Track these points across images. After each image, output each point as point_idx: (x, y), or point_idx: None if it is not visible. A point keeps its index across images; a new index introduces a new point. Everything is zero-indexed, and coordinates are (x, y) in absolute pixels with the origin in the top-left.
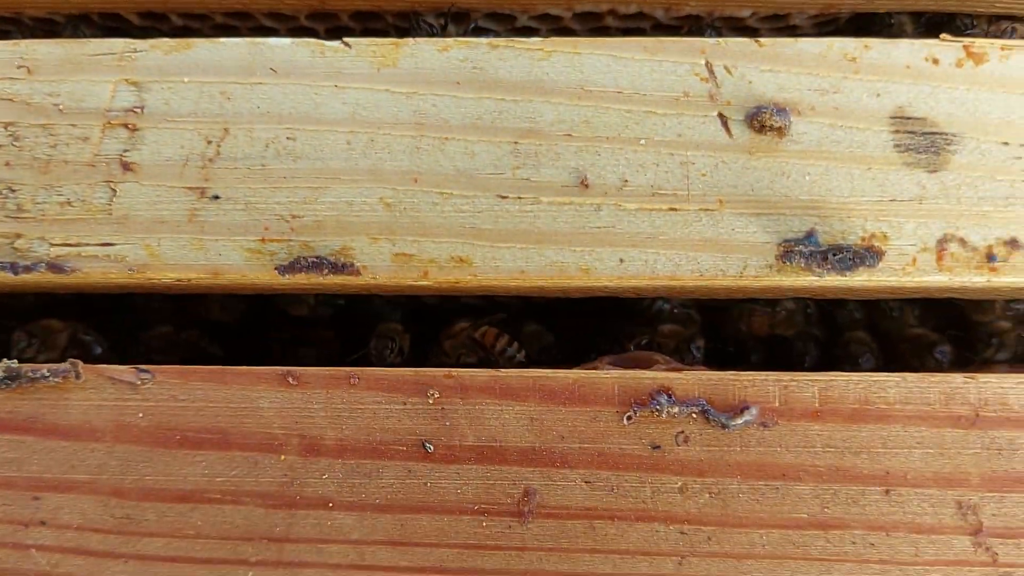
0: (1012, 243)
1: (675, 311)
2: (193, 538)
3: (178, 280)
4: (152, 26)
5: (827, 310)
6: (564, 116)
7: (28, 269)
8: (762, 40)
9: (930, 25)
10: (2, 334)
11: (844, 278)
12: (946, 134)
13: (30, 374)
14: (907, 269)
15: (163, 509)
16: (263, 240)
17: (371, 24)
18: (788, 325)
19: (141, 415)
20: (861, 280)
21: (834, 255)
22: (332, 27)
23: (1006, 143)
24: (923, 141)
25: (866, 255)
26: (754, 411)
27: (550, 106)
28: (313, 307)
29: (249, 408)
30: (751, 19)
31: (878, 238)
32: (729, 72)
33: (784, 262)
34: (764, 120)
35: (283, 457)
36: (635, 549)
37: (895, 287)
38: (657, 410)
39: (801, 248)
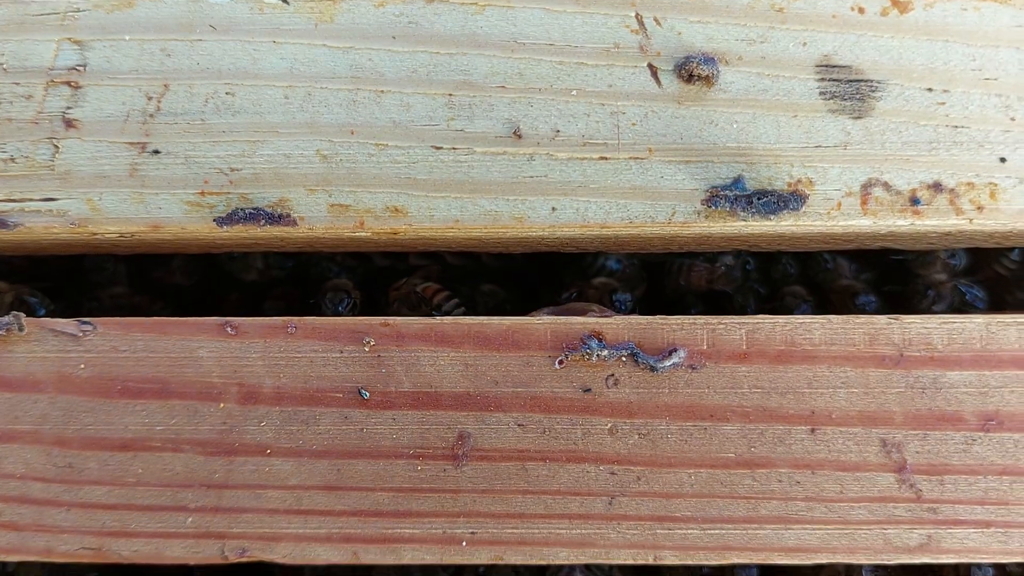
0: (936, 187)
1: (619, 268)
2: (134, 486)
3: (119, 234)
4: None
5: (765, 267)
6: (497, 68)
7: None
8: None
9: None
10: None
11: (770, 222)
12: (871, 81)
13: None
14: (831, 213)
15: (105, 458)
16: (202, 193)
17: None
18: (727, 280)
19: (83, 366)
20: (787, 224)
21: (759, 199)
22: None
23: (930, 89)
24: (848, 88)
25: (790, 199)
26: (682, 353)
27: (484, 59)
28: (263, 271)
29: (189, 358)
30: None
31: (804, 183)
32: (658, 23)
33: (710, 207)
34: (692, 70)
35: (222, 405)
36: (566, 490)
37: (821, 231)
38: (587, 354)
39: (727, 193)
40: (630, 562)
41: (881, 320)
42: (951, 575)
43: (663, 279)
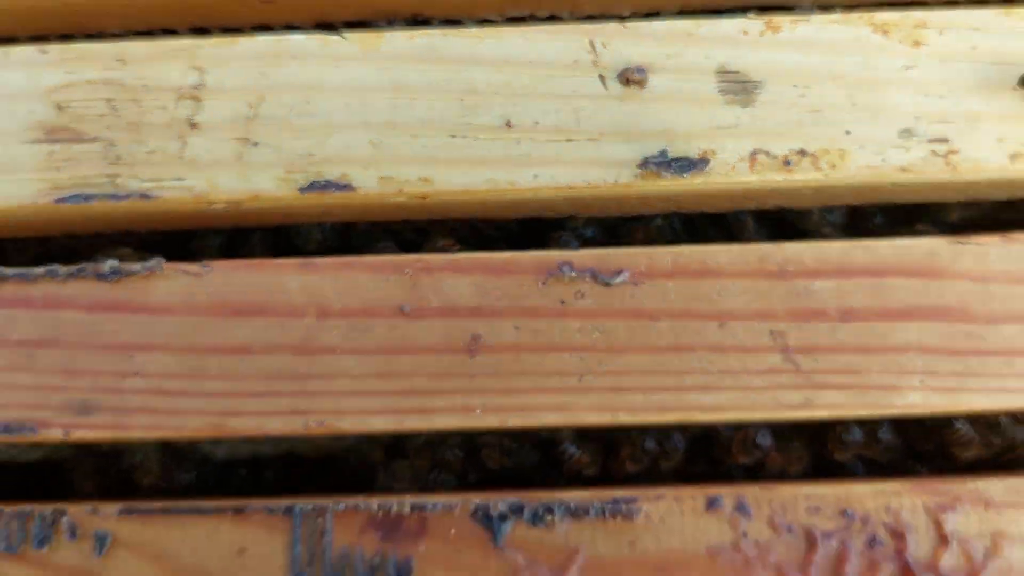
0: (801, 152)
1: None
2: (243, 379)
3: (227, 203)
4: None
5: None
6: (493, 80)
7: (126, 196)
8: (627, 24)
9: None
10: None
11: (684, 179)
12: (754, 81)
13: (127, 269)
14: (729, 173)
15: (221, 359)
16: (288, 172)
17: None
18: (660, 235)
19: (203, 295)
20: (698, 182)
21: (676, 163)
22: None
23: (795, 86)
24: (738, 87)
25: (698, 162)
26: (627, 274)
27: (483, 73)
28: (320, 242)
29: (280, 287)
30: (628, 14)
31: (708, 152)
32: (605, 46)
33: (642, 169)
34: (629, 76)
35: (304, 320)
36: (550, 370)
37: (722, 187)
38: (562, 276)
39: (654, 160)
40: (595, 422)
41: (769, 246)
42: (835, 442)
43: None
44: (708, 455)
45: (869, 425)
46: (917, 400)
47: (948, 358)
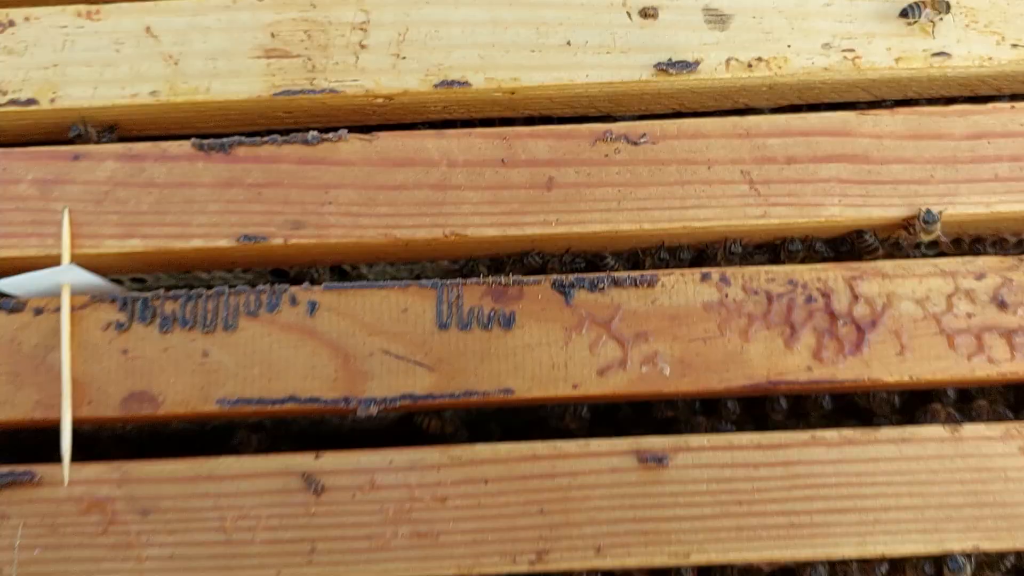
0: (759, 59)
1: None
2: (401, 205)
3: (386, 97)
4: None
5: None
6: (558, 16)
7: (320, 92)
8: None
9: None
10: None
11: (683, 76)
12: (727, 15)
13: (323, 137)
14: (711, 74)
15: (387, 192)
16: (426, 74)
17: None
18: None
19: (374, 153)
20: (692, 79)
21: (678, 64)
22: None
23: (754, 17)
24: (716, 18)
25: (692, 64)
26: (647, 136)
27: (552, 12)
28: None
29: (423, 147)
30: None
31: (699, 59)
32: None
33: (656, 69)
34: (647, 12)
35: (439, 168)
36: (598, 198)
37: (707, 82)
38: (605, 138)
39: (664, 64)
40: (627, 229)
41: (739, 118)
42: (784, 252)
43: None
44: (701, 263)
45: (807, 241)
46: (836, 212)
47: (856, 186)
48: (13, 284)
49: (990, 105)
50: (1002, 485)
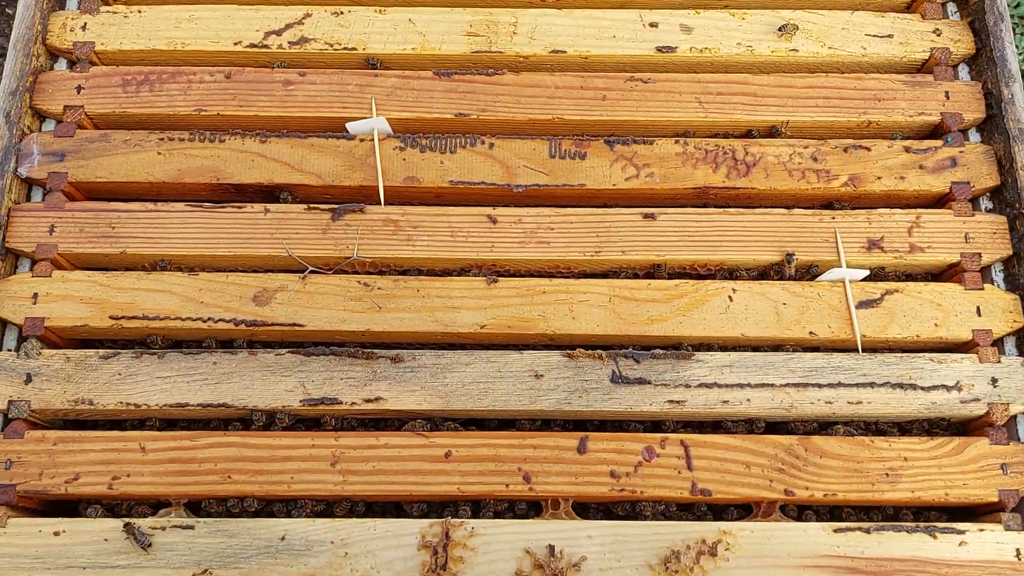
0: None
1: None
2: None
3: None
4: None
5: None
6: (610, 25)
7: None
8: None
9: None
10: None
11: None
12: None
13: None
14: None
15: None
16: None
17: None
18: None
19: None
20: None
21: (666, 50)
22: None
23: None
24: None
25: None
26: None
27: (607, 21)
28: None
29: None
30: None
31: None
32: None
33: (658, 52)
34: (657, 24)
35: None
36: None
37: (690, 58)
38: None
39: (664, 48)
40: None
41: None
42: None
43: None
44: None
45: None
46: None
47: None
48: (354, 126)
49: None
50: None
